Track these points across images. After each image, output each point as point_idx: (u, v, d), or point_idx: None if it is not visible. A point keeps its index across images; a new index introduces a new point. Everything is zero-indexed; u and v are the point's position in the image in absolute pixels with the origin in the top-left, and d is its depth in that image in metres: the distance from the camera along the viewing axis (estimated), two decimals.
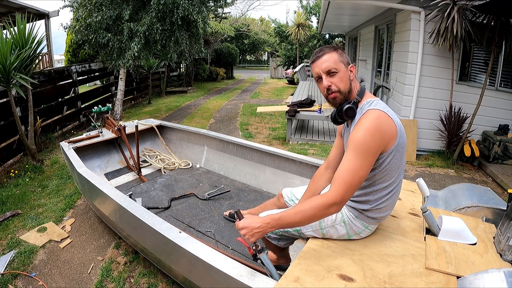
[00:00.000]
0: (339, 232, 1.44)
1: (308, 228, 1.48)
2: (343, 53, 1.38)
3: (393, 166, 1.33)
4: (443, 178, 4.12)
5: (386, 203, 1.40)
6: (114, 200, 1.99)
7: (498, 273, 1.06)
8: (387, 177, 1.35)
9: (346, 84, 1.36)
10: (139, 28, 5.58)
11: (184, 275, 1.67)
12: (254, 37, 24.32)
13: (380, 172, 1.34)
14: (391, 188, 1.38)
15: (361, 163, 1.24)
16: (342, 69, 1.35)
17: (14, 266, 2.33)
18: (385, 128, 1.26)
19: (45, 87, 5.56)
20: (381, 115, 1.27)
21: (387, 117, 1.28)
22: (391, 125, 1.28)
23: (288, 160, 2.85)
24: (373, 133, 1.24)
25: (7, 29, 3.66)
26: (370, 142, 1.24)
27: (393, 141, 1.28)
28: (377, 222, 1.45)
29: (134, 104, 9.38)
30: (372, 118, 1.26)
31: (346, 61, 1.37)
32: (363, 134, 1.25)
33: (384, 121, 1.27)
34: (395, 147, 1.29)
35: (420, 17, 4.49)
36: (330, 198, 1.23)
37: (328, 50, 1.37)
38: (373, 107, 1.31)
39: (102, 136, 3.38)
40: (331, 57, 1.35)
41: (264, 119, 7.49)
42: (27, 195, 3.43)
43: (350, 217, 1.43)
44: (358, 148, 1.24)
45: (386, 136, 1.27)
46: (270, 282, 1.24)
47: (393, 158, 1.31)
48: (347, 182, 1.23)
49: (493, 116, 4.64)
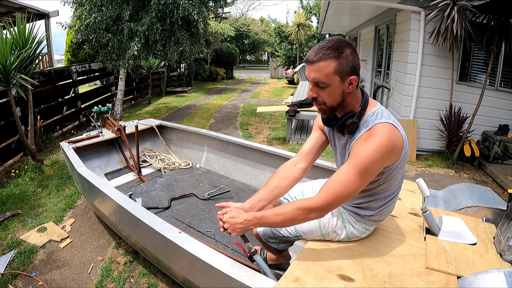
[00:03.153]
0: (339, 236, 1.44)
1: (308, 234, 1.47)
2: (347, 61, 1.15)
3: (397, 175, 1.30)
4: (443, 178, 4.12)
5: (388, 208, 1.40)
6: (114, 200, 1.99)
7: (498, 273, 1.06)
8: (391, 186, 1.33)
9: (335, 99, 1.21)
10: (139, 28, 5.58)
11: (184, 275, 1.68)
12: (254, 37, 24.34)
13: (384, 183, 1.30)
14: (394, 195, 1.38)
15: (359, 181, 1.16)
16: (334, 84, 1.17)
17: (14, 266, 2.33)
18: (395, 144, 1.16)
19: (45, 87, 5.56)
20: (391, 130, 1.16)
21: (395, 130, 1.17)
22: (399, 139, 1.18)
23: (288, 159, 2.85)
24: (383, 152, 1.14)
25: (7, 29, 3.66)
26: (377, 163, 1.15)
27: (399, 154, 1.20)
28: (377, 223, 1.46)
29: (134, 104, 9.38)
30: (383, 135, 1.14)
31: (346, 71, 1.16)
32: (371, 153, 1.13)
33: (394, 137, 1.16)
34: (401, 159, 1.23)
35: (420, 17, 4.49)
36: (315, 204, 1.19)
37: (327, 56, 1.14)
38: (381, 121, 1.18)
39: (102, 136, 3.38)
40: (326, 68, 1.14)
41: (264, 119, 7.49)
42: (27, 195, 3.43)
43: (351, 221, 1.42)
44: (361, 166, 1.14)
45: (395, 152, 1.18)
46: (270, 282, 1.24)
47: (398, 168, 1.26)
48: (337, 194, 1.17)
49: (493, 116, 4.64)
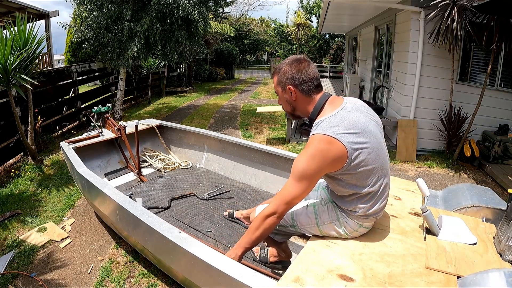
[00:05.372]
0: (336, 229, 1.45)
1: (305, 226, 1.53)
2: (283, 75, 1.39)
3: (361, 177, 1.31)
4: (443, 178, 4.12)
5: (373, 208, 1.38)
6: (114, 200, 1.99)
7: (498, 273, 1.06)
8: (360, 187, 1.34)
9: (286, 106, 1.46)
10: (138, 28, 5.58)
11: (184, 275, 1.68)
12: (254, 37, 24.34)
13: (347, 185, 1.34)
14: (374, 195, 1.36)
15: (297, 185, 1.31)
16: (279, 93, 1.45)
17: (14, 266, 2.33)
18: (326, 154, 1.25)
19: (45, 87, 5.56)
20: (322, 142, 1.26)
21: (330, 142, 1.25)
22: (334, 150, 1.25)
23: (288, 160, 2.85)
24: (315, 161, 1.26)
25: (7, 29, 3.66)
26: (310, 169, 1.27)
27: (341, 163, 1.26)
28: (371, 220, 1.44)
29: (134, 104, 9.38)
30: (312, 147, 1.28)
31: (283, 82, 1.40)
32: (300, 161, 1.30)
33: (325, 148, 1.25)
34: (347, 167, 1.27)
35: (420, 17, 4.49)
36: (267, 210, 1.38)
37: (274, 73, 1.46)
38: (315, 132, 1.30)
39: (102, 136, 3.38)
40: (274, 81, 1.46)
41: (264, 119, 7.49)
42: (27, 195, 3.43)
43: (343, 217, 1.44)
44: (296, 173, 1.31)
45: (333, 161, 1.26)
46: (270, 282, 1.24)
47: (352, 175, 1.30)
48: (282, 199, 1.34)
49: (493, 116, 4.65)
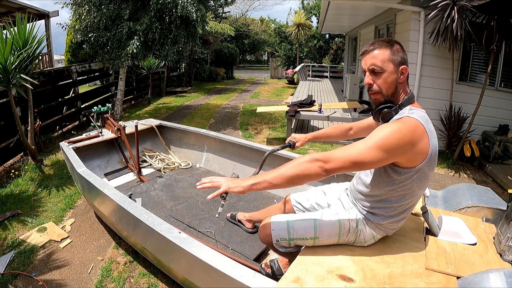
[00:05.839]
0: (349, 239, 1.40)
1: (325, 236, 1.40)
2: (399, 51, 1.24)
3: (414, 187, 1.24)
4: (443, 178, 4.11)
5: (398, 223, 1.36)
6: (114, 200, 1.99)
7: (498, 273, 1.06)
8: (405, 198, 1.26)
9: (390, 86, 1.24)
10: (137, 27, 5.58)
11: (184, 275, 1.67)
12: (254, 37, 24.35)
13: (399, 189, 1.24)
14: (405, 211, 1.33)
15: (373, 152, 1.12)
16: (389, 70, 1.23)
17: (14, 266, 2.33)
18: (416, 139, 1.13)
19: (45, 87, 5.56)
20: (417, 126, 1.15)
21: (423, 131, 1.15)
22: (423, 139, 1.15)
23: (288, 160, 2.85)
24: (402, 138, 1.12)
25: (7, 29, 3.66)
26: (394, 142, 1.12)
27: (422, 158, 1.16)
28: (384, 233, 1.41)
29: (134, 104, 9.38)
30: (406, 124, 1.15)
31: (399, 60, 1.23)
32: (386, 131, 1.14)
33: (418, 133, 1.14)
34: (424, 164, 1.17)
35: (420, 17, 4.49)
36: (320, 155, 1.15)
37: (380, 45, 1.24)
38: (412, 116, 1.18)
39: (102, 136, 3.38)
40: (381, 55, 1.23)
41: (264, 119, 7.49)
42: (27, 195, 3.43)
43: (362, 224, 1.38)
44: (371, 138, 1.15)
45: (415, 148, 1.14)
46: (270, 282, 1.24)
47: (416, 177, 1.21)
48: (346, 154, 1.14)
49: (493, 116, 4.64)
